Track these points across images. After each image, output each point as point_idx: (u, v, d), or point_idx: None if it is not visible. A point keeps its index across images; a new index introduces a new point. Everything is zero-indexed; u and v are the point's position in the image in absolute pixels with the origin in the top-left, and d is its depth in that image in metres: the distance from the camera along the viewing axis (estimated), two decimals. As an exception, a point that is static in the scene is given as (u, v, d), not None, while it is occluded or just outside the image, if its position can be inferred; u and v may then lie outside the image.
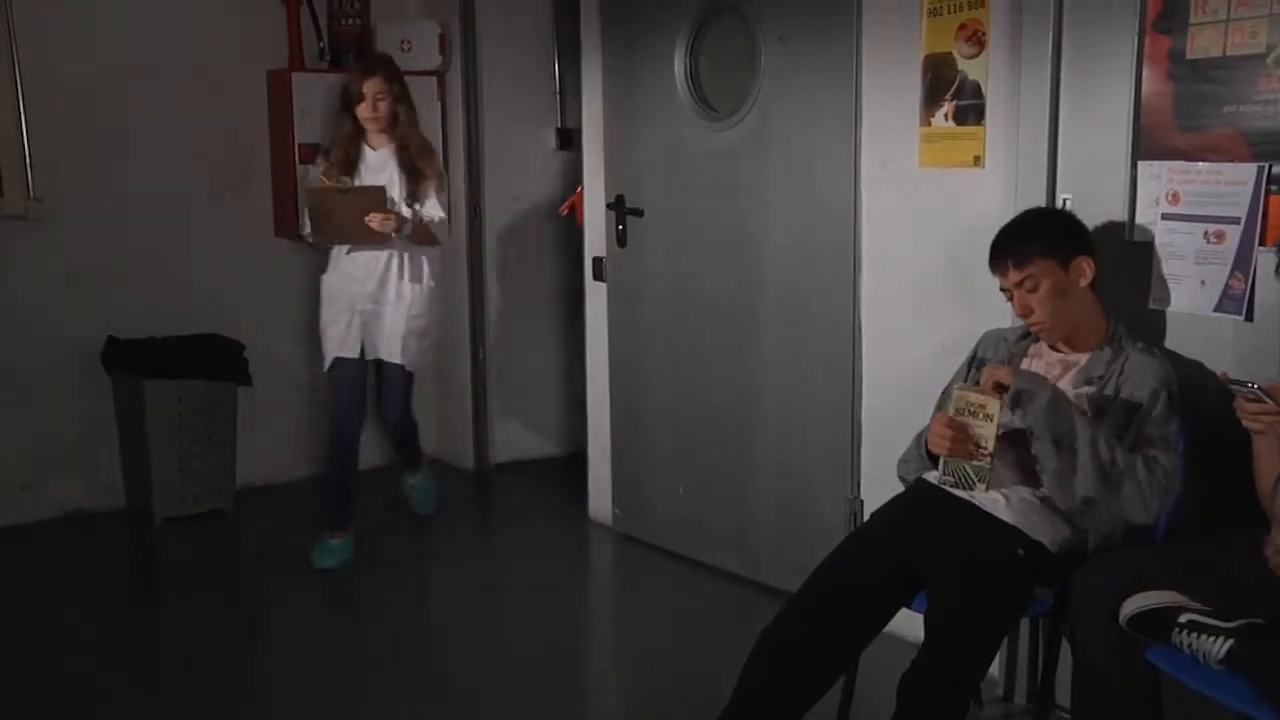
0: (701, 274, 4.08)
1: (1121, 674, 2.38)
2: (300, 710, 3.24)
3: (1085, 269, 2.67)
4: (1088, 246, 2.70)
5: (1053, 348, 2.75)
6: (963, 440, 2.57)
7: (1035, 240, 2.67)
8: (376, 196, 4.08)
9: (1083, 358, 2.68)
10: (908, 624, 2.74)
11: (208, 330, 4.79)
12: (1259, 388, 2.28)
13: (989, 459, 2.55)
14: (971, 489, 2.62)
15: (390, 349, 4.27)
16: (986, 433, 2.54)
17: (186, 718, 3.21)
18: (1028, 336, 2.81)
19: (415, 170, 4.15)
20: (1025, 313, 2.67)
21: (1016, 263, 2.65)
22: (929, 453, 2.71)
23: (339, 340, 4.25)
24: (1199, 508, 2.53)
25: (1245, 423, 2.34)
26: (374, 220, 4.01)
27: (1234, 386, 2.32)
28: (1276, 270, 2.51)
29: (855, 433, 3.62)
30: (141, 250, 4.76)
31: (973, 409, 2.56)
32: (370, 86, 4.08)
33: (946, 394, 2.88)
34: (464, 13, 5.11)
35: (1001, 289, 2.73)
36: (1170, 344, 2.73)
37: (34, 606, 3.94)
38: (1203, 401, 2.65)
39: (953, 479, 2.65)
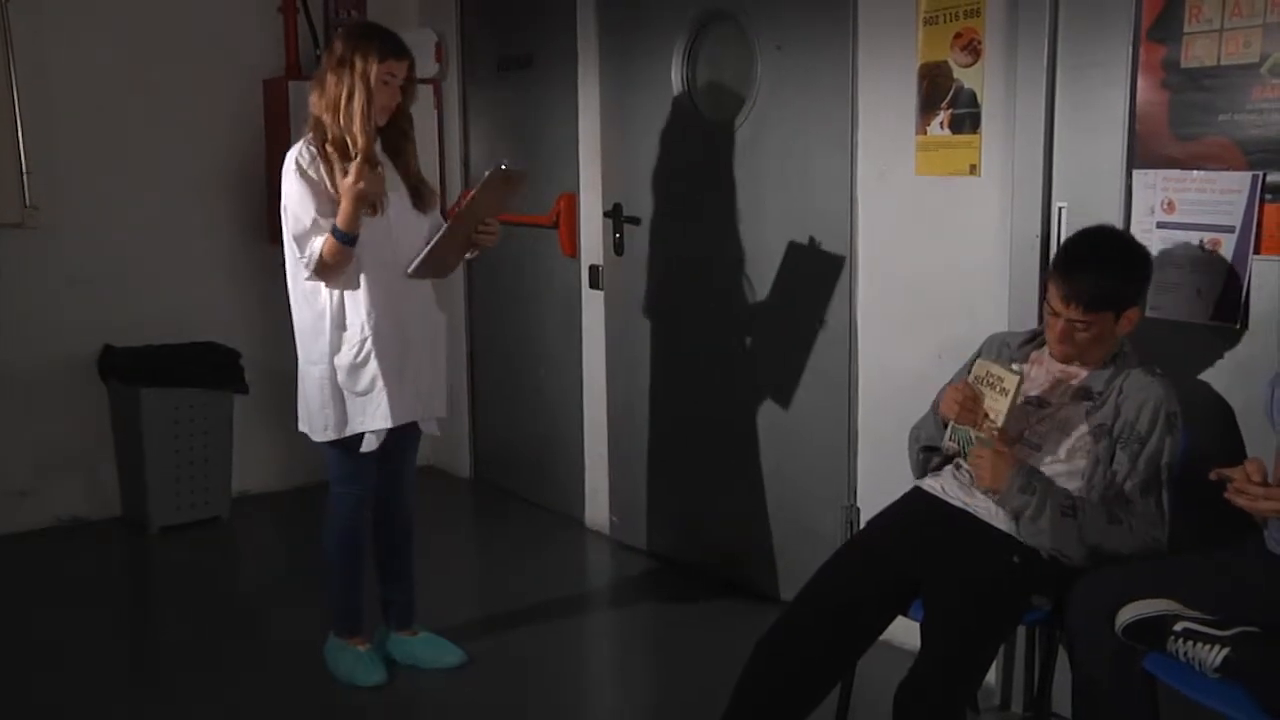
0: (698, 281, 4.09)
1: (1118, 682, 2.37)
2: (298, 717, 3.24)
3: (1131, 320, 2.61)
4: (1144, 295, 2.65)
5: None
6: (971, 410, 2.57)
7: (1117, 290, 2.56)
8: (520, 185, 3.21)
9: (1084, 371, 2.66)
10: (904, 632, 2.74)
11: (204, 339, 4.79)
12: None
13: (996, 433, 2.54)
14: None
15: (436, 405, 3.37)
16: (999, 406, 2.53)
17: (183, 726, 3.22)
18: (1031, 342, 2.79)
19: (420, 184, 3.31)
20: (1063, 339, 2.61)
21: (1089, 306, 2.54)
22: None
23: (394, 403, 3.20)
24: (1195, 519, 2.53)
25: (1255, 509, 2.25)
26: (489, 236, 3.17)
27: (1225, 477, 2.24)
28: None
29: (851, 441, 3.62)
30: (138, 258, 4.76)
31: (991, 380, 2.55)
32: (402, 70, 3.25)
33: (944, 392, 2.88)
34: (460, 21, 5.12)
35: (1050, 306, 2.62)
36: (1167, 352, 2.73)
37: (31, 614, 3.93)
38: (1201, 416, 2.66)
39: (956, 445, 2.65)
